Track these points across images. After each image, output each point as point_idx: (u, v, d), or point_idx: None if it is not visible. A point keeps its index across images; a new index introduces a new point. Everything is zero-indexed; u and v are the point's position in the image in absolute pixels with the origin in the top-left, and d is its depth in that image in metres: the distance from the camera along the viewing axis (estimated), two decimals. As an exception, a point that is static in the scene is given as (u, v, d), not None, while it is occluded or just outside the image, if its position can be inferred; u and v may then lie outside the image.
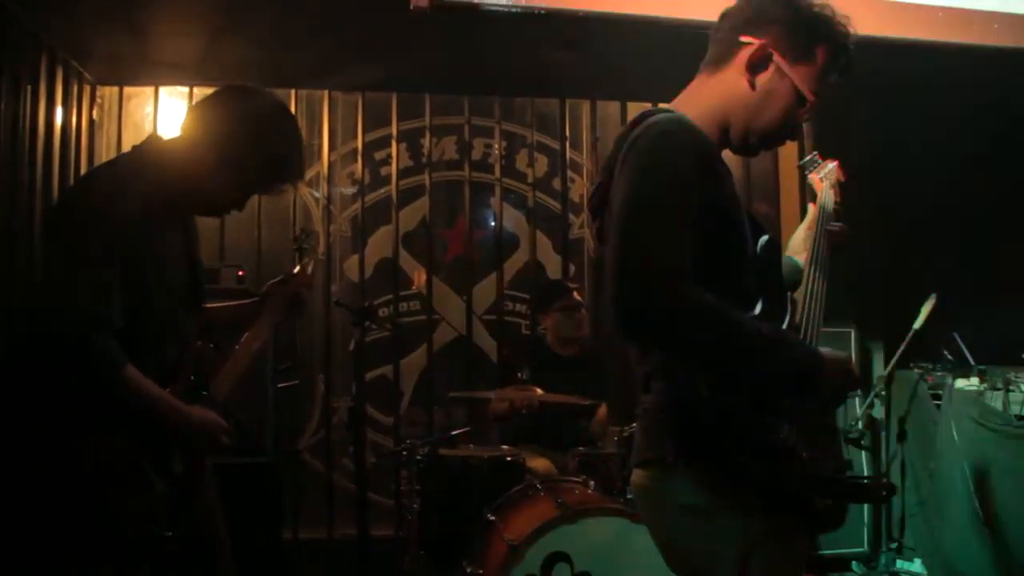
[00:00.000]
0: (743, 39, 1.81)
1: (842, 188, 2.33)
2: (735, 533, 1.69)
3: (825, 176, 2.34)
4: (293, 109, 5.48)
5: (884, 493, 1.74)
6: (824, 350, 1.72)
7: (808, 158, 2.38)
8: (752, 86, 1.82)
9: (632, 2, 3.79)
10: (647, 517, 1.89)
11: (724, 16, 1.88)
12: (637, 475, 1.86)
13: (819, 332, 1.88)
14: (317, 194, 5.58)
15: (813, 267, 1.99)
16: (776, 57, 1.81)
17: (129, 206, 2.09)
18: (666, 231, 1.61)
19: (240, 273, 4.60)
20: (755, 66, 1.82)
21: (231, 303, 2.65)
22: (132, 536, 2.08)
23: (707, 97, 1.85)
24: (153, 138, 2.33)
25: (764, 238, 1.90)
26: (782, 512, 1.71)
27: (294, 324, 5.04)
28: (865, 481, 1.78)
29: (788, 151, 5.38)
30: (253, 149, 2.25)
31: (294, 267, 2.69)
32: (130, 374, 2.05)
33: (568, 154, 5.84)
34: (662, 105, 1.90)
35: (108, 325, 2.03)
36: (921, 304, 4.72)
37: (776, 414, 1.70)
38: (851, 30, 1.86)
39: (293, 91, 5.51)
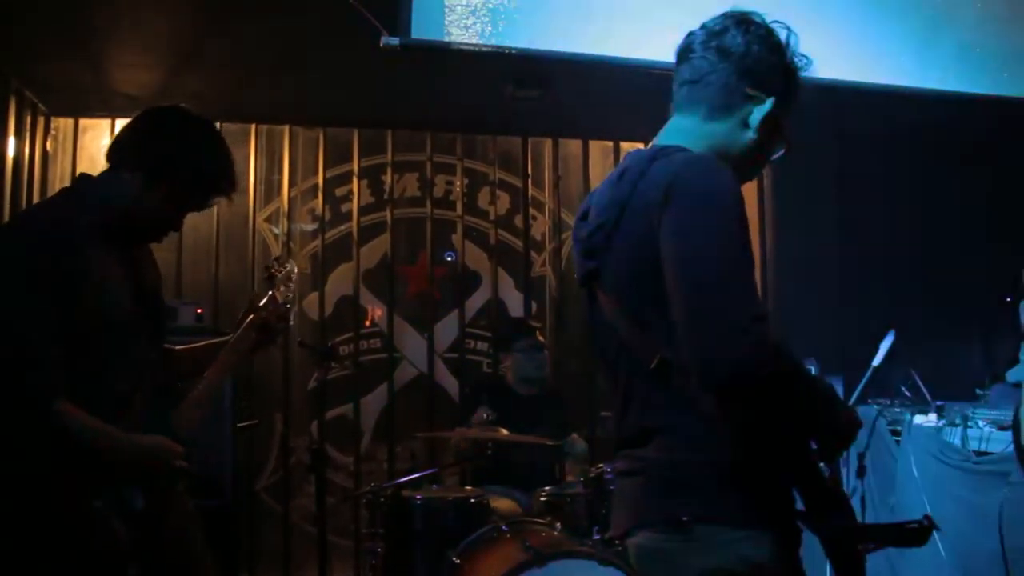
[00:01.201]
0: (751, 92, 1.83)
1: None
2: None
3: None
4: (252, 144, 5.46)
5: (927, 533, 1.71)
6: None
7: None
8: (758, 139, 1.85)
9: (597, 43, 3.80)
10: None
11: (714, 48, 1.84)
12: (645, 538, 1.74)
13: None
14: (277, 230, 5.52)
15: None
16: (778, 113, 1.85)
17: (61, 240, 2.08)
18: (744, 274, 1.60)
19: (198, 311, 4.51)
20: (766, 124, 1.84)
21: (204, 343, 2.59)
22: None
23: (708, 139, 1.84)
24: (83, 175, 2.34)
25: None
26: (832, 563, 1.69)
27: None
28: (915, 525, 1.77)
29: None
30: (181, 166, 2.24)
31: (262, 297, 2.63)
32: (62, 407, 1.99)
33: (530, 192, 5.85)
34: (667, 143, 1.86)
35: (45, 363, 1.99)
36: (879, 341, 4.76)
37: (804, 465, 1.69)
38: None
39: (253, 126, 5.47)
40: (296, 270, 2.70)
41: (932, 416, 4.70)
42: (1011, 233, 5.42)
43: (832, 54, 4.18)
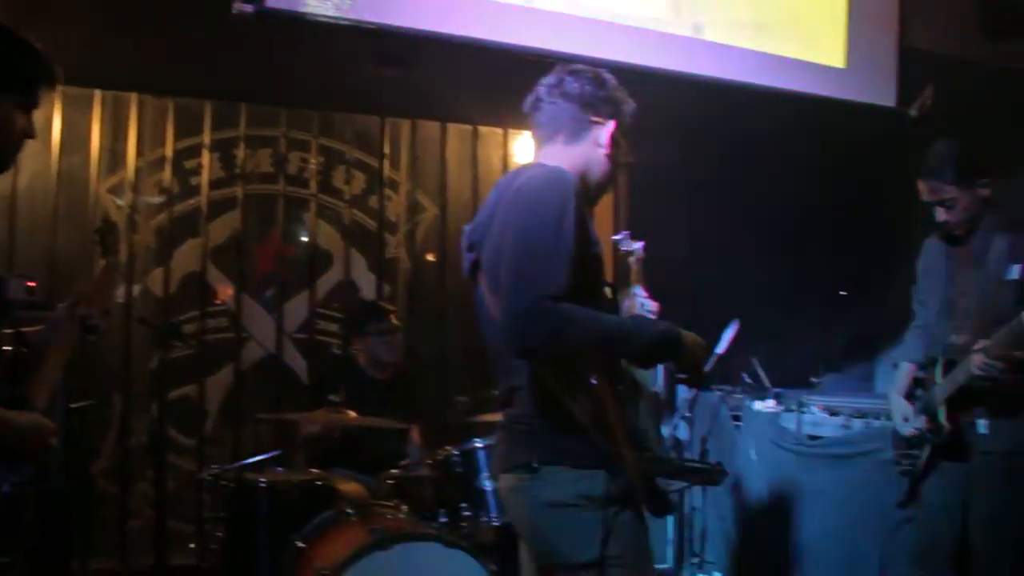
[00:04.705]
0: (594, 119, 2.37)
1: (644, 265, 2.64)
2: (598, 521, 2.09)
3: (635, 259, 2.63)
4: (97, 110, 5.23)
5: (719, 476, 2.39)
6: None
7: (621, 236, 2.66)
8: (607, 156, 2.38)
9: (460, 23, 3.79)
10: (515, 515, 2.31)
11: (558, 95, 2.37)
12: (506, 479, 2.26)
13: None
14: (120, 202, 5.28)
15: None
16: (617, 131, 2.40)
17: None
18: (549, 261, 2.05)
19: (30, 284, 4.24)
20: (612, 142, 2.38)
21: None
22: None
23: (568, 160, 2.34)
24: None
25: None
26: (636, 498, 2.18)
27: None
28: (705, 465, 2.56)
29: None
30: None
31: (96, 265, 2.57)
32: None
33: (386, 172, 5.79)
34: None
35: None
36: (723, 329, 4.92)
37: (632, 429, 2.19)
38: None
39: (98, 91, 5.21)
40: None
41: (771, 402, 4.92)
42: (849, 231, 5.71)
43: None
